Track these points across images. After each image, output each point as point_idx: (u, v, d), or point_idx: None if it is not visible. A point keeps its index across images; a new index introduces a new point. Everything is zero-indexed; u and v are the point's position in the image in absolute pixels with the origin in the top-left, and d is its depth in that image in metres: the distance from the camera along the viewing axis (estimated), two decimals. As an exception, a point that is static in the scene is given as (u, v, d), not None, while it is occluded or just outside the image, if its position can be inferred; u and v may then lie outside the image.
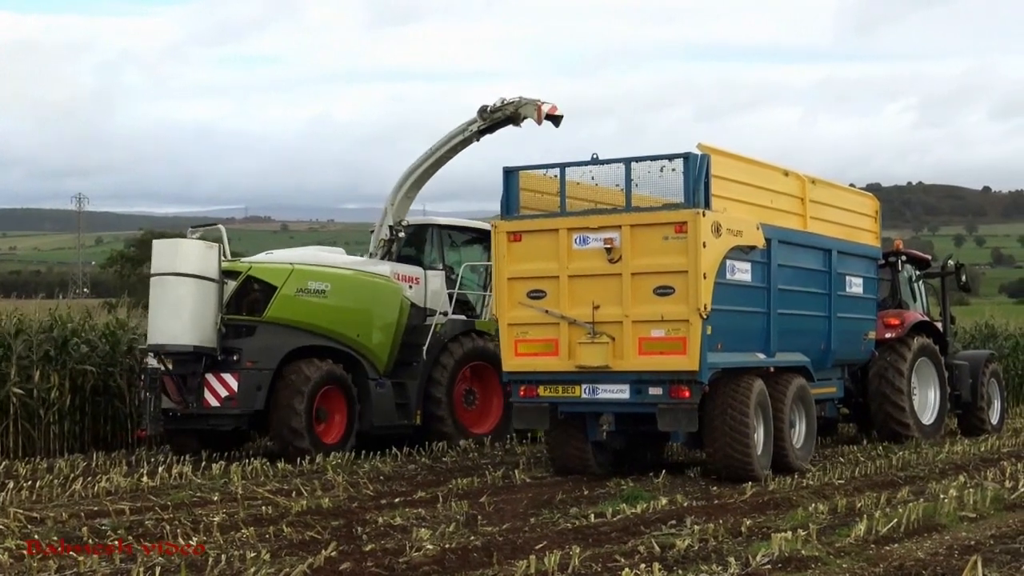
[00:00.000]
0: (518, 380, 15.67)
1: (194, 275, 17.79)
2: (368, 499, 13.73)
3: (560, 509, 12.69)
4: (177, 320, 17.71)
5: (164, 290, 17.91)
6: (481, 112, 20.06)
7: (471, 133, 20.19)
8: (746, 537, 10.84)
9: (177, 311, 17.73)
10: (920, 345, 20.71)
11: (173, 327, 17.73)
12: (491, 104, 20.02)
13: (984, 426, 22.23)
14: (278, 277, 18.43)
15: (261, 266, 18.80)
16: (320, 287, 18.60)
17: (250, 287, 18.47)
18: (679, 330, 14.59)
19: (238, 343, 17.92)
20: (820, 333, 17.70)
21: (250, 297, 18.44)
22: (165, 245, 18.50)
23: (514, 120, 20.00)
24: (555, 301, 15.26)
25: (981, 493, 12.90)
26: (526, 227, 15.60)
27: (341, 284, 18.90)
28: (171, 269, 17.85)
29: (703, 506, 12.79)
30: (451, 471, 16.37)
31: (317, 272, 18.81)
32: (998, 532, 11.06)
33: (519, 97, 19.96)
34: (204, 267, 17.90)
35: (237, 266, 18.69)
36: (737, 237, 15.17)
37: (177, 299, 17.75)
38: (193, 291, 17.77)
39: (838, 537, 10.66)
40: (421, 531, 11.10)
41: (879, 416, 20.27)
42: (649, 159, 15.22)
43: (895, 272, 21.97)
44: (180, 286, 17.76)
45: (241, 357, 17.80)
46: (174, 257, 17.97)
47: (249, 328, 18.15)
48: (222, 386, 17.80)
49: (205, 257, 18.01)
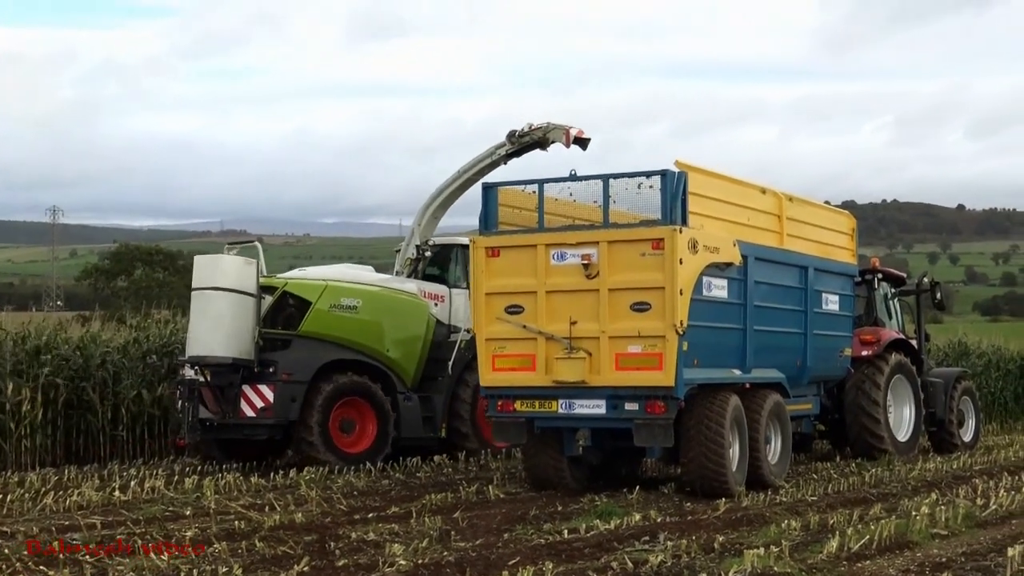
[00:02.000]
0: (495, 395, 15.72)
1: (234, 290, 18.42)
2: (341, 514, 13.69)
3: (534, 525, 12.69)
4: (217, 333, 18.28)
5: (205, 304, 18.47)
6: (510, 136, 20.42)
7: (499, 157, 20.56)
8: (719, 553, 10.85)
9: (217, 324, 18.31)
10: (896, 362, 20.83)
11: (213, 340, 18.29)
12: (519, 129, 20.38)
13: (955, 443, 22.35)
14: (313, 293, 19.12)
15: (296, 282, 19.49)
16: (352, 303, 19.28)
17: (286, 302, 19.17)
18: (655, 346, 14.66)
19: (274, 356, 18.58)
20: (796, 350, 17.79)
21: (285, 312, 19.15)
22: (206, 260, 19.02)
23: (542, 144, 20.38)
24: (533, 316, 15.32)
25: (953, 510, 12.95)
26: (504, 242, 15.68)
27: (372, 300, 19.55)
28: (212, 284, 18.45)
29: (676, 522, 12.81)
30: (425, 486, 16.34)
31: (349, 289, 19.48)
32: (969, 549, 11.10)
33: (547, 122, 20.30)
34: (243, 282, 18.56)
35: (273, 282, 19.35)
36: (714, 254, 15.26)
37: (217, 313, 18.33)
38: (232, 305, 18.39)
39: (810, 554, 10.69)
40: (394, 546, 11.07)
41: (855, 433, 20.37)
42: (627, 176, 15.37)
43: (871, 289, 22.12)
44: (220, 300, 18.35)
45: (277, 369, 18.42)
46: (215, 272, 18.56)
47: (284, 341, 18.88)
48: (258, 397, 18.36)
49: (244, 272, 18.65)
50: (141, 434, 21.07)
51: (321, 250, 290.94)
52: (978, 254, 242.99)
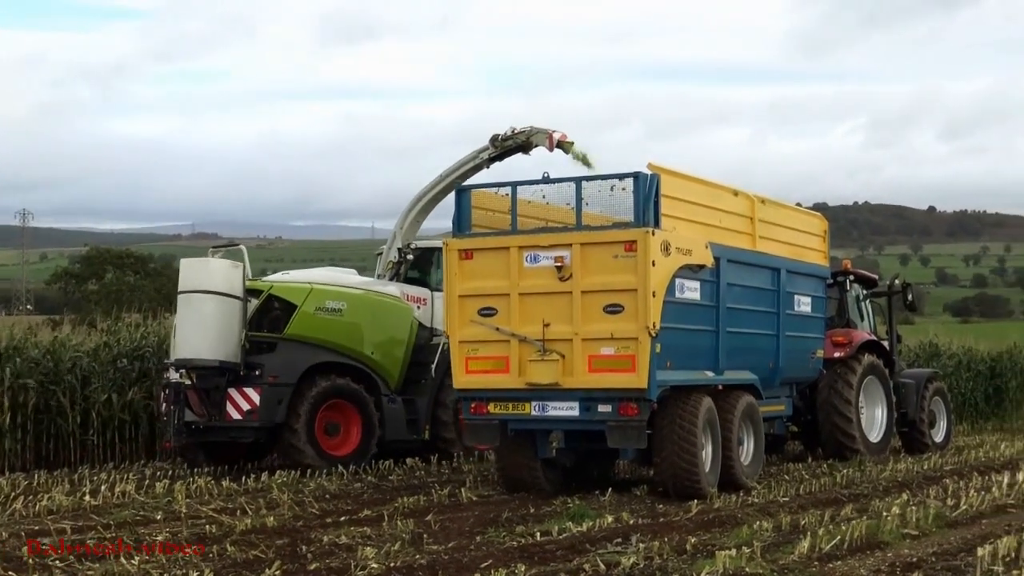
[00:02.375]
0: (468, 397, 15.72)
1: (221, 293, 18.49)
2: (313, 517, 13.66)
3: (506, 527, 12.68)
4: (204, 336, 18.32)
5: (192, 307, 18.52)
6: (493, 140, 20.58)
7: (481, 160, 20.76)
8: (691, 555, 10.88)
9: (204, 327, 18.36)
10: (868, 364, 20.95)
11: (200, 343, 18.32)
12: (502, 133, 20.52)
13: (926, 443, 22.49)
14: (298, 296, 19.17)
15: (282, 285, 19.50)
16: (337, 306, 19.35)
17: (271, 305, 19.14)
18: (628, 348, 14.67)
19: (260, 359, 18.64)
20: (768, 351, 17.87)
21: (271, 315, 19.12)
22: (194, 263, 19.09)
23: (525, 148, 20.55)
24: (506, 318, 15.30)
25: (924, 511, 13.01)
26: (477, 245, 15.65)
27: (356, 303, 19.64)
28: (199, 287, 18.52)
29: (649, 524, 12.83)
30: (397, 489, 16.32)
31: (334, 292, 19.55)
32: (940, 549, 11.16)
33: (530, 126, 20.46)
34: (230, 285, 18.62)
35: (259, 284, 19.33)
36: (686, 256, 15.30)
37: (204, 316, 18.39)
38: (219, 308, 18.46)
39: (782, 554, 10.72)
40: (366, 550, 11.05)
41: (827, 434, 20.46)
42: (599, 178, 15.51)
43: (843, 291, 22.22)
44: (207, 303, 18.42)
45: (263, 372, 18.50)
46: (202, 275, 18.65)
47: (270, 344, 18.90)
48: (244, 400, 18.40)
49: (231, 276, 18.72)
50: (112, 438, 20.98)
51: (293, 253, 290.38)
52: (949, 256, 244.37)
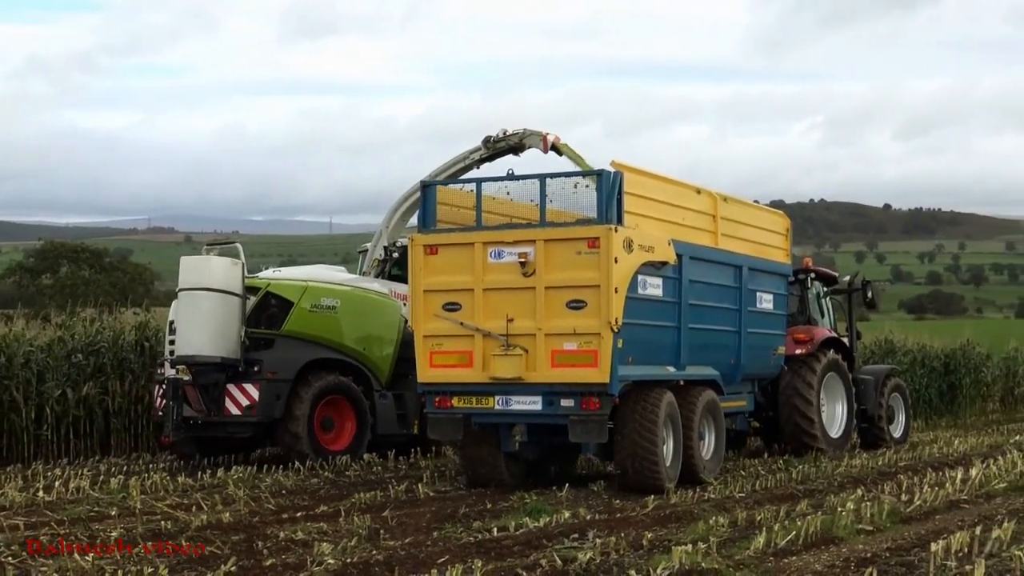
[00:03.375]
0: (433, 391, 15.81)
1: (221, 290, 18.71)
2: (270, 513, 13.61)
3: (463, 523, 12.69)
4: (205, 333, 18.55)
5: (192, 304, 18.71)
6: (485, 142, 20.82)
7: (472, 161, 20.98)
8: (647, 550, 10.91)
9: (205, 324, 18.58)
10: (829, 360, 21.17)
11: (201, 339, 18.54)
12: (494, 135, 20.78)
13: (884, 438, 22.72)
14: (294, 293, 19.51)
15: (279, 282, 19.81)
16: (331, 303, 19.72)
17: (268, 302, 19.45)
18: (591, 343, 14.81)
19: (258, 355, 18.92)
20: (730, 348, 18.05)
21: (268, 312, 19.42)
22: (195, 261, 19.19)
23: (516, 150, 20.83)
24: (470, 314, 15.41)
25: (878, 506, 13.10)
26: (442, 240, 15.76)
27: (349, 301, 19.98)
28: (200, 284, 18.70)
29: (605, 519, 12.86)
30: (354, 485, 16.29)
31: (328, 289, 19.92)
32: (894, 545, 11.24)
33: (523, 129, 20.72)
34: (230, 282, 18.84)
35: (256, 282, 19.65)
36: (649, 253, 15.46)
37: (205, 313, 18.61)
38: (220, 305, 18.67)
39: (738, 550, 10.77)
40: (323, 545, 11.02)
41: (788, 429, 20.66)
42: (563, 175, 15.76)
43: (804, 289, 22.43)
44: (208, 300, 18.62)
45: (262, 368, 18.79)
46: (203, 273, 18.82)
47: (268, 341, 19.19)
48: (243, 395, 18.70)
49: (231, 273, 18.93)
50: (66, 433, 20.86)
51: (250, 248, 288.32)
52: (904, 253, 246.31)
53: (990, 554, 10.30)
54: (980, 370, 38.75)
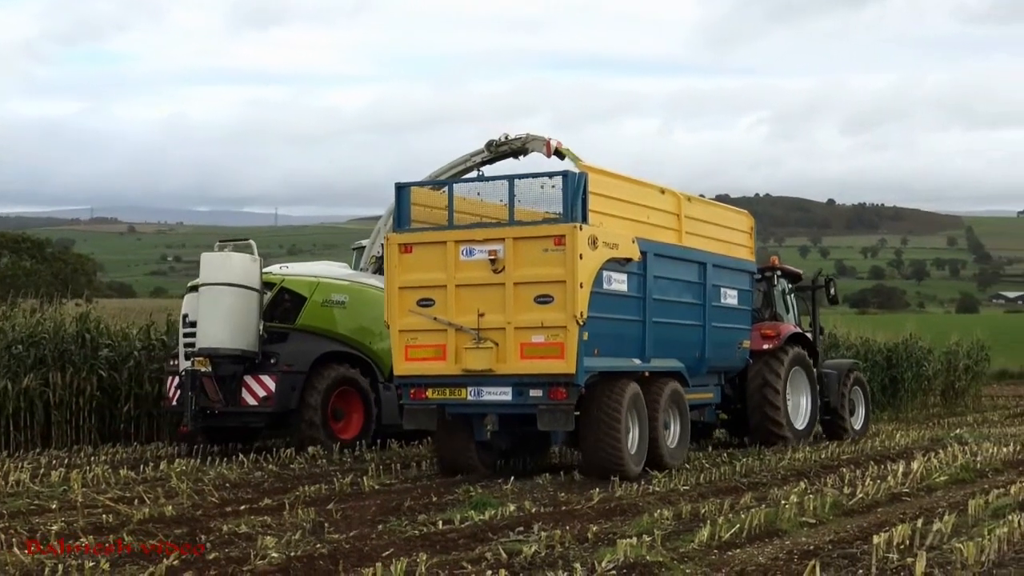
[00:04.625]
0: (408, 383, 16.44)
1: (242, 285, 19.55)
2: (213, 507, 13.52)
3: (408, 516, 12.66)
4: (227, 326, 19.40)
5: (214, 299, 19.49)
6: (488, 145, 21.54)
7: (473, 164, 21.61)
8: (592, 543, 10.93)
9: (227, 318, 19.42)
10: (794, 355, 22.04)
11: (222, 332, 19.39)
12: (497, 139, 21.51)
13: (845, 428, 23.60)
14: (307, 289, 20.58)
15: (292, 278, 20.79)
16: (340, 298, 20.76)
17: (282, 297, 20.47)
18: (558, 336, 15.47)
19: (274, 348, 19.81)
20: (695, 341, 18.69)
21: (282, 306, 20.41)
22: (216, 258, 19.95)
23: (517, 154, 21.57)
24: (443, 309, 16.05)
25: (821, 499, 13.19)
26: (416, 239, 16.40)
27: (357, 296, 20.95)
28: (221, 280, 19.50)
29: (550, 512, 12.87)
30: (299, 478, 16.23)
31: (337, 285, 20.93)
32: (836, 537, 11.32)
33: (526, 133, 21.48)
34: (249, 278, 19.69)
35: (270, 278, 20.52)
36: (613, 250, 16.08)
37: (227, 307, 19.45)
38: (240, 300, 19.52)
39: (682, 543, 10.81)
40: (266, 539, 10.96)
41: (756, 421, 21.50)
42: (531, 176, 16.43)
43: (771, 285, 23.34)
44: (229, 295, 19.46)
45: (278, 360, 19.70)
46: (224, 269, 19.61)
47: (282, 335, 20.10)
48: (260, 387, 19.60)
49: (250, 269, 19.77)
50: (5, 426, 20.63)
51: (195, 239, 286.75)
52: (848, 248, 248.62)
53: (931, 546, 10.40)
54: (922, 364, 39.18)
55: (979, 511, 12.28)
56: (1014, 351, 63.39)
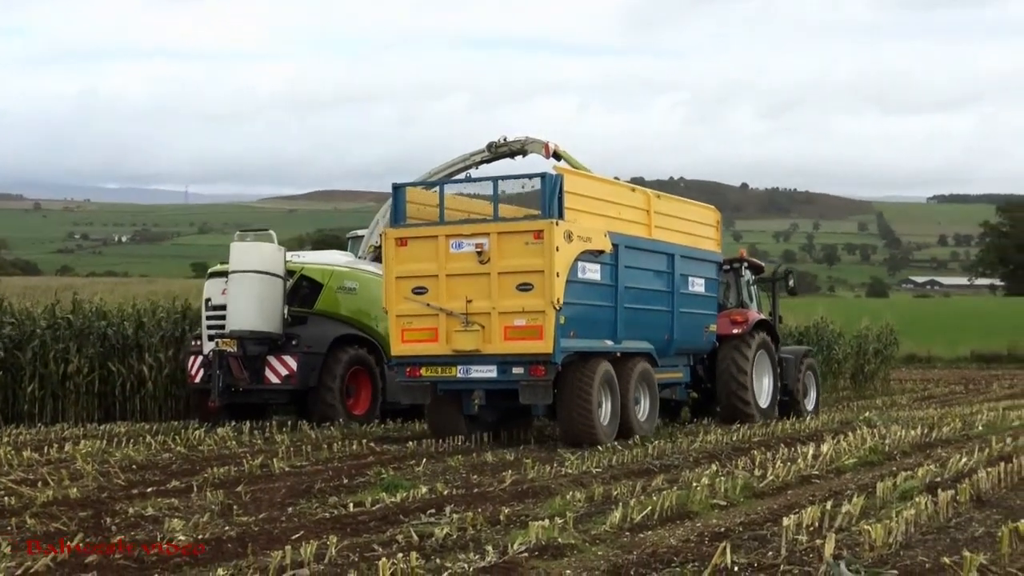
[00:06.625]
0: (404, 363, 18.53)
1: (268, 272, 21.50)
2: (119, 489, 13.33)
3: (319, 498, 12.58)
4: (256, 309, 21.35)
5: (244, 285, 21.37)
6: (489, 146, 23.75)
7: (472, 163, 23.77)
8: (504, 525, 10.93)
9: (256, 302, 21.36)
10: (760, 340, 23.95)
11: (251, 316, 21.35)
12: (497, 140, 23.76)
13: (800, 409, 25.36)
14: (324, 276, 22.85)
15: (311, 266, 22.92)
16: (352, 285, 23.06)
17: (301, 284, 22.57)
18: (537, 319, 17.60)
19: (295, 330, 21.88)
20: (664, 325, 20.82)
21: (301, 292, 22.50)
22: (245, 247, 21.87)
23: (515, 154, 23.53)
24: (435, 296, 18.15)
25: (732, 481, 13.30)
26: (411, 234, 18.51)
27: (366, 283, 23.07)
28: (251, 267, 21.35)
29: (463, 495, 12.85)
30: (207, 460, 16.06)
31: (349, 273, 23.21)
32: (747, 519, 11.41)
33: (525, 136, 23.77)
34: (275, 265, 21.68)
35: (291, 266, 22.45)
36: (587, 243, 18.19)
37: (256, 292, 21.40)
38: (267, 286, 21.47)
39: (594, 525, 10.84)
40: (174, 521, 10.83)
41: (725, 399, 23.47)
42: (513, 177, 18.74)
43: (738, 276, 25.46)
44: (258, 282, 21.39)
45: (300, 342, 21.76)
46: (254, 257, 21.52)
47: (302, 318, 22.17)
48: (282, 366, 21.71)
49: (276, 257, 21.82)
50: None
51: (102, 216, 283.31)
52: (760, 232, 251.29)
53: (840, 528, 10.52)
54: (832, 347, 39.75)
55: (887, 493, 12.44)
56: (922, 335, 64.62)
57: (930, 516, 10.98)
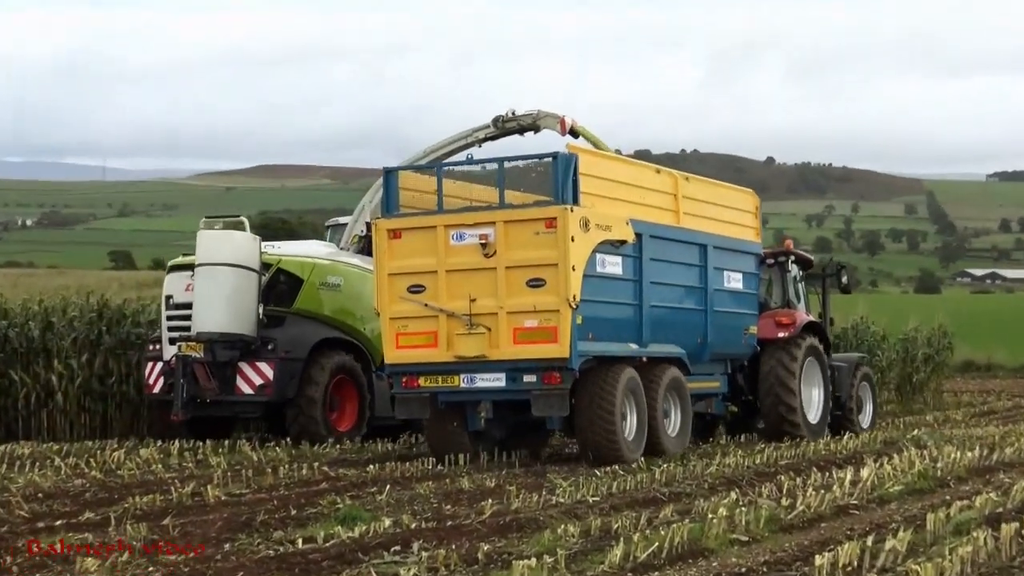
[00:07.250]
0: (399, 372, 18.75)
1: (242, 266, 21.39)
2: (22, 522, 13.33)
3: (261, 532, 12.58)
4: (227, 309, 21.29)
5: (213, 280, 21.23)
6: (495, 121, 23.79)
7: (475, 140, 23.94)
8: (483, 565, 10.93)
9: (227, 300, 21.31)
10: (808, 345, 23.92)
11: (223, 316, 21.31)
12: (504, 114, 23.82)
13: (853, 427, 25.34)
14: (304, 271, 22.78)
15: (289, 259, 22.83)
16: (336, 281, 23.03)
17: (278, 279, 22.53)
18: (550, 320, 17.81)
19: (272, 333, 21.82)
20: (696, 326, 21.19)
21: (277, 289, 22.51)
22: (215, 235, 21.80)
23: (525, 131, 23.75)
24: (434, 295, 18.35)
25: (755, 512, 13.30)
26: (405, 224, 18.76)
27: (351, 278, 23.11)
28: (221, 259, 21.26)
29: (434, 528, 12.85)
30: (128, 487, 16.07)
31: (331, 267, 23.20)
32: (772, 558, 11.42)
33: (537, 110, 23.86)
34: (249, 258, 21.59)
35: (267, 258, 22.31)
36: (606, 232, 18.39)
37: (227, 289, 21.32)
38: (239, 281, 21.37)
39: (590, 564, 10.85)
40: (87, 561, 10.81)
41: (770, 413, 23.65)
42: (521, 158, 19.00)
43: (784, 271, 25.35)
44: (229, 276, 21.28)
45: (276, 346, 21.67)
46: (224, 248, 21.43)
47: (279, 319, 22.19)
48: (256, 374, 21.62)
49: (250, 248, 21.70)
50: None
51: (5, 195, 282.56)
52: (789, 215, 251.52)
53: (883, 568, 10.56)
54: (875, 353, 39.78)
55: (939, 527, 12.47)
56: (981, 339, 64.61)
57: (990, 554, 11.02)
